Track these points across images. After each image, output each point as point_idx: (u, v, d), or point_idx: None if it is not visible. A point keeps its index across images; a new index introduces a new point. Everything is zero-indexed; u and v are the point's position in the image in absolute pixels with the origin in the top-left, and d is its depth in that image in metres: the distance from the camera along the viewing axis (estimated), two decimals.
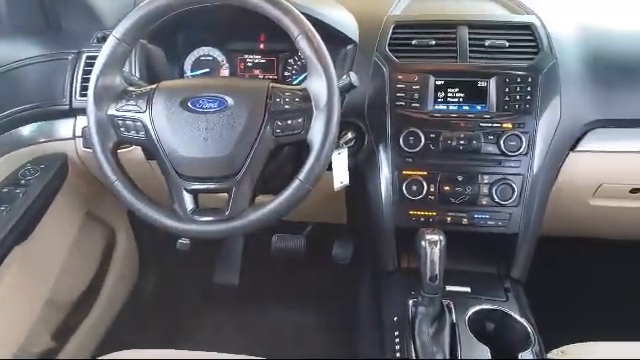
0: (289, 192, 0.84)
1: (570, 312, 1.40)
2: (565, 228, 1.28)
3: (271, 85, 0.87)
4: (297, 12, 0.83)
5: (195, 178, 0.87)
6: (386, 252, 1.13)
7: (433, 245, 0.87)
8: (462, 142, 1.04)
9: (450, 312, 0.95)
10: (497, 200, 1.04)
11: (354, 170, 1.09)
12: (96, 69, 0.88)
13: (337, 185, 1.06)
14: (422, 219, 1.07)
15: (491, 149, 1.04)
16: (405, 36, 1.11)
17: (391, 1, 1.21)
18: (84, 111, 0.90)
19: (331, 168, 1.03)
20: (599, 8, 1.24)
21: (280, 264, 1.75)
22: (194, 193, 0.88)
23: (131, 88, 0.90)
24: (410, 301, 0.99)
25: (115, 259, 1.56)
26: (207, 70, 1.24)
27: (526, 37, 1.09)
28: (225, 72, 1.24)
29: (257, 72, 1.23)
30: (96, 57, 0.88)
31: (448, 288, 1.00)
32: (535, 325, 0.95)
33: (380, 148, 1.08)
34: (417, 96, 1.06)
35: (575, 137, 1.06)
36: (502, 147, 1.03)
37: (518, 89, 1.03)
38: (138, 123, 0.87)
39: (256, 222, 0.86)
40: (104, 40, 0.89)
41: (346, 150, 1.06)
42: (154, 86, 0.89)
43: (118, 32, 0.87)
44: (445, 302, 0.96)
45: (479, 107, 1.05)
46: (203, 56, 1.23)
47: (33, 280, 1.21)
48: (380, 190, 1.08)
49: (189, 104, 0.86)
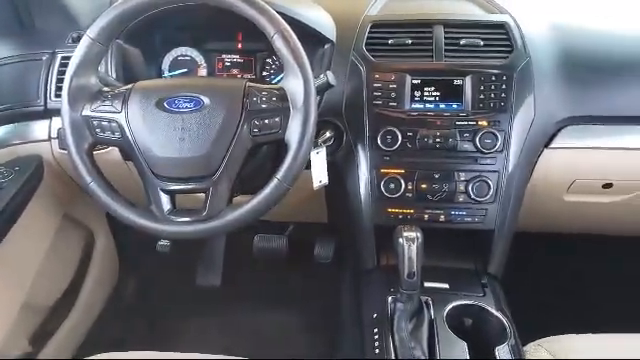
0: (267, 191, 0.84)
1: (546, 306, 1.42)
2: (540, 224, 1.30)
3: (248, 84, 0.87)
4: (273, 12, 0.83)
5: (172, 178, 0.86)
6: (365, 250, 1.13)
7: (410, 242, 0.88)
8: (439, 140, 1.05)
9: (429, 308, 0.96)
10: (473, 197, 1.05)
11: (333, 169, 1.09)
12: (70, 69, 0.87)
13: (316, 184, 1.06)
14: (400, 216, 1.08)
15: (467, 147, 1.05)
16: (382, 35, 1.12)
17: (368, 1, 1.22)
18: (59, 112, 0.89)
19: (310, 167, 1.03)
20: (571, 8, 1.27)
21: (262, 264, 1.74)
22: (171, 194, 0.88)
23: (106, 89, 0.89)
24: (389, 298, 1.00)
25: (94, 262, 1.54)
26: (185, 70, 1.23)
27: (500, 36, 1.10)
28: (203, 72, 1.23)
29: (235, 72, 1.23)
30: (71, 57, 0.88)
31: (426, 284, 1.01)
32: (511, 319, 0.97)
33: (358, 147, 1.09)
34: (394, 95, 1.07)
35: (549, 134, 1.08)
36: (478, 145, 1.04)
37: (493, 87, 1.05)
38: (114, 124, 0.86)
39: (234, 222, 0.85)
40: (79, 40, 0.88)
41: (324, 149, 1.06)
42: (130, 86, 0.89)
43: (92, 32, 0.86)
44: (424, 298, 0.97)
45: (455, 105, 1.07)
46: (181, 56, 1.23)
47: (8, 284, 1.19)
48: (359, 188, 1.09)
49: (165, 104, 0.85)
